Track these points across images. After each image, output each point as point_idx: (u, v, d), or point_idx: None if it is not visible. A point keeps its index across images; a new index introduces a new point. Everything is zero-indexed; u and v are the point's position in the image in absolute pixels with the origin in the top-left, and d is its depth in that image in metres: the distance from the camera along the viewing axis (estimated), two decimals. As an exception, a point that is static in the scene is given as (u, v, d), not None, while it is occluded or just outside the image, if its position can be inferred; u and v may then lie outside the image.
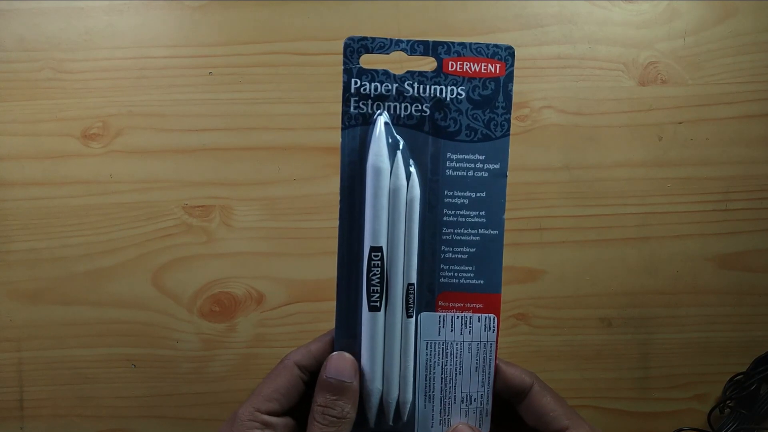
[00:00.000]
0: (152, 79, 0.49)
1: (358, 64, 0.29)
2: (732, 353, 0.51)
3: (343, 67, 0.29)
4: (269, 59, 0.50)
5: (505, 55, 0.30)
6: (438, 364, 0.31)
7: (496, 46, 0.30)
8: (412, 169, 0.29)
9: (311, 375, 0.31)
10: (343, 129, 0.29)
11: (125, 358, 0.49)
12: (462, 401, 0.31)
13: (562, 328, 0.50)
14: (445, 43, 0.29)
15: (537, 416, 0.30)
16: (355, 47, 0.29)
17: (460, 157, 0.30)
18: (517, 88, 0.50)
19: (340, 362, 0.30)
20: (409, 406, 0.31)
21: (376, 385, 0.30)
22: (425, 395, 0.31)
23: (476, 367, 0.31)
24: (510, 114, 0.30)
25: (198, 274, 0.49)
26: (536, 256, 0.50)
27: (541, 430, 0.30)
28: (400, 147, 0.29)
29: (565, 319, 0.50)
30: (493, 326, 0.31)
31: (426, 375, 0.31)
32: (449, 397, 0.31)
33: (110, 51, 0.49)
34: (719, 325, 0.51)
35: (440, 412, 0.31)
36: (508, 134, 0.30)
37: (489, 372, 0.31)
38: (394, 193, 0.29)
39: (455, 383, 0.31)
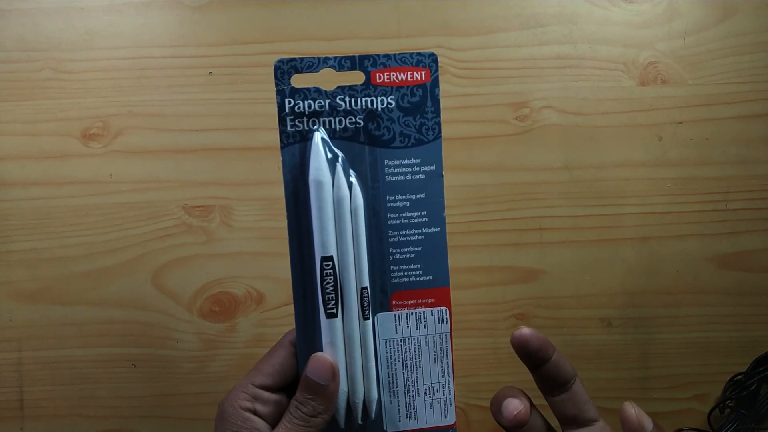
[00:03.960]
0: (152, 79, 0.49)
1: (290, 84, 0.31)
2: (732, 353, 0.51)
3: (275, 89, 0.30)
4: (269, 59, 0.50)
5: (429, 62, 0.31)
6: (398, 360, 0.32)
7: (419, 54, 0.31)
8: (353, 179, 0.31)
9: None
10: (282, 148, 0.31)
11: (125, 358, 0.49)
12: (425, 393, 0.32)
13: (562, 328, 0.50)
14: (371, 56, 0.31)
15: (579, 404, 0.32)
16: (285, 68, 0.31)
17: (397, 162, 0.31)
18: (517, 88, 0.50)
19: (318, 363, 0.30)
20: (375, 404, 0.32)
21: (341, 387, 0.31)
22: (390, 391, 0.32)
23: (435, 359, 0.32)
24: (439, 117, 0.31)
25: (198, 274, 0.49)
26: (536, 256, 0.50)
27: (578, 418, 0.32)
28: (339, 159, 0.31)
29: (565, 319, 0.50)
30: (446, 318, 0.32)
31: (388, 372, 0.32)
32: (413, 391, 0.32)
33: (110, 51, 0.49)
34: (719, 325, 0.51)
35: (405, 406, 0.32)
36: (440, 137, 0.31)
37: (447, 362, 0.32)
38: (338, 203, 0.30)
39: (417, 377, 0.32)
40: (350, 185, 0.31)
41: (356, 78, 0.31)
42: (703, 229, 0.50)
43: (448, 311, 0.32)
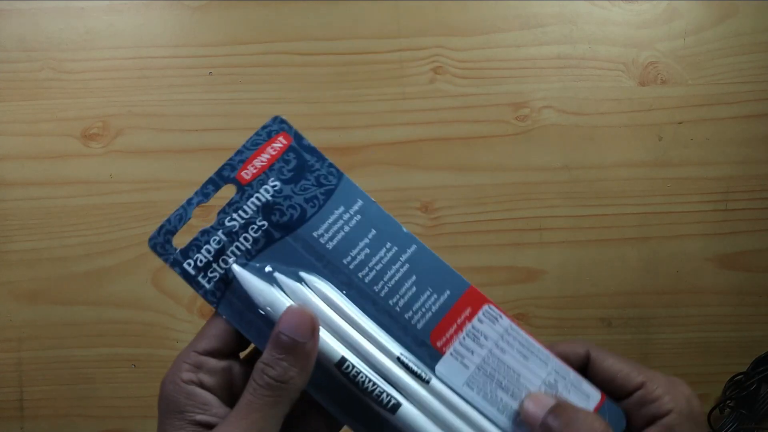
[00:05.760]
0: (152, 79, 0.49)
1: (176, 249, 0.28)
2: (732, 353, 0.50)
3: (168, 264, 0.28)
4: (269, 59, 0.50)
5: (279, 126, 0.29)
6: (496, 389, 0.28)
7: (264, 127, 0.29)
8: (301, 273, 0.28)
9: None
10: (218, 308, 0.27)
11: (125, 358, 0.49)
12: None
13: (562, 328, 0.50)
14: (226, 163, 0.29)
15: (606, 382, 0.28)
16: (161, 240, 0.28)
17: (326, 225, 0.28)
18: (517, 88, 0.50)
19: (295, 317, 0.25)
20: None
21: None
22: (517, 426, 0.27)
23: (523, 356, 0.28)
24: (328, 160, 0.29)
25: (198, 274, 0.49)
26: (536, 256, 0.50)
27: (615, 395, 0.28)
28: (269, 268, 0.28)
29: (565, 319, 0.50)
30: (496, 312, 0.28)
31: (497, 409, 0.27)
32: None
33: (110, 51, 0.49)
34: (719, 325, 0.51)
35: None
36: (343, 174, 0.29)
37: (537, 348, 0.28)
38: (306, 304, 0.27)
39: (525, 386, 0.28)
40: (300, 279, 0.27)
41: (229, 191, 0.29)
42: (703, 229, 0.50)
43: (492, 306, 0.28)
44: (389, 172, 0.50)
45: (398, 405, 0.26)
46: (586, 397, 0.28)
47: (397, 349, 0.27)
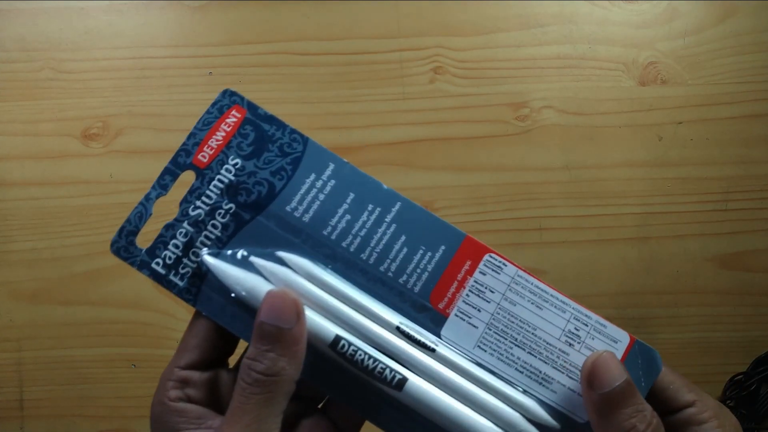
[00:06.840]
0: (152, 79, 0.49)
1: (141, 249, 0.26)
2: (732, 353, 0.50)
3: (136, 267, 0.27)
4: (269, 59, 0.50)
5: (230, 100, 0.27)
6: (510, 349, 0.25)
7: (213, 103, 0.27)
8: (279, 253, 0.25)
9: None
10: (195, 305, 0.26)
11: (125, 358, 0.49)
12: (570, 345, 0.25)
13: (562, 328, 0.50)
14: (180, 149, 0.27)
15: (655, 392, 0.26)
16: (123, 243, 0.27)
17: (298, 196, 0.26)
18: (517, 88, 0.50)
19: (276, 302, 0.23)
20: (540, 409, 0.24)
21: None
22: (540, 384, 0.25)
23: (536, 305, 0.25)
24: (289, 126, 0.27)
25: (198, 274, 0.49)
26: (536, 256, 0.50)
27: (662, 407, 0.26)
28: (242, 253, 0.26)
29: (565, 319, 0.50)
30: (499, 261, 0.26)
31: (516, 369, 0.25)
32: (557, 357, 0.25)
33: (110, 51, 0.49)
34: (719, 325, 0.51)
35: (568, 376, 0.25)
36: (308, 139, 0.27)
37: (552, 294, 0.26)
38: (288, 286, 0.25)
39: (544, 339, 0.25)
40: (280, 260, 0.25)
41: (188, 178, 0.27)
42: (703, 229, 0.50)
43: (494, 255, 0.26)
44: (389, 172, 0.50)
45: (404, 380, 0.24)
46: (613, 341, 0.25)
47: (395, 318, 0.25)
